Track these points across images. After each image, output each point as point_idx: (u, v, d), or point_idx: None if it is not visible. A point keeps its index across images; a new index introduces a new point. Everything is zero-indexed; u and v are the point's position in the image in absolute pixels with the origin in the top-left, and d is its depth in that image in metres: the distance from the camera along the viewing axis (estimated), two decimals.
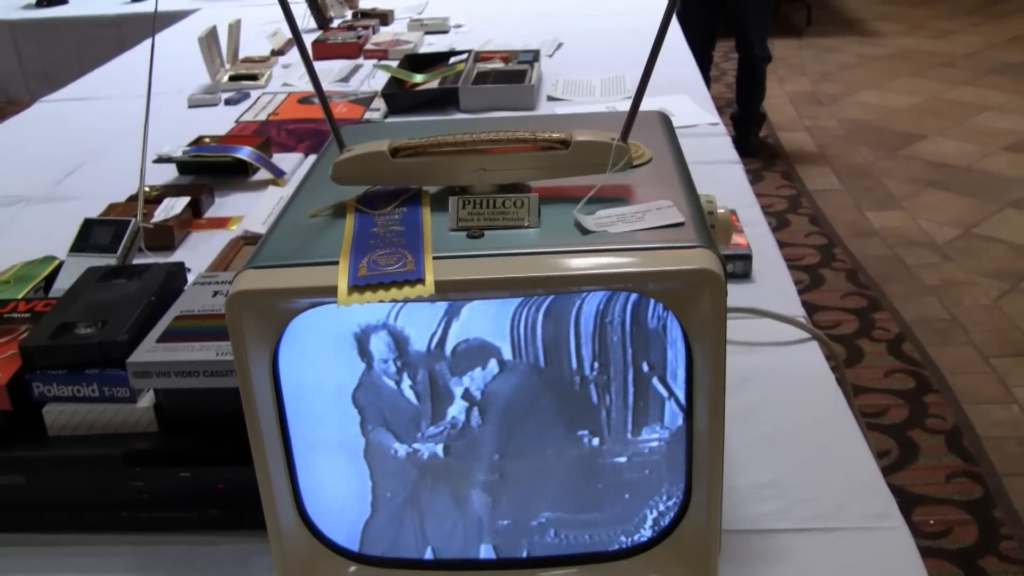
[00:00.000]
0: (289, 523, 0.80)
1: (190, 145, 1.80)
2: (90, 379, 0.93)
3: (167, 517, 0.93)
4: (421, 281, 0.68)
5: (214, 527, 0.93)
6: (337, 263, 0.71)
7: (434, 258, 0.70)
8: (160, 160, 1.75)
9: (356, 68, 2.49)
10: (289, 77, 2.43)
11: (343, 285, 0.68)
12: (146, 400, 0.95)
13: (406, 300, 0.67)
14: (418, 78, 2.25)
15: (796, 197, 3.79)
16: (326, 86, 2.29)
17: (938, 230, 3.46)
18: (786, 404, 1.08)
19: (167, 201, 1.57)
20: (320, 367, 0.75)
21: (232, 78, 2.40)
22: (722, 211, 0.89)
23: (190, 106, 2.27)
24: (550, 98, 2.17)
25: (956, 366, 2.68)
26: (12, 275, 1.37)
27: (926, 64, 5.53)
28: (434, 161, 0.80)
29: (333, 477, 0.79)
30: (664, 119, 1.01)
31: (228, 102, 2.26)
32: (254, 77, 2.40)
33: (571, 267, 0.69)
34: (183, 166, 1.77)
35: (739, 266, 1.33)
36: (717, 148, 1.85)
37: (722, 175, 1.69)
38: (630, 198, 0.79)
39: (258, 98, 2.26)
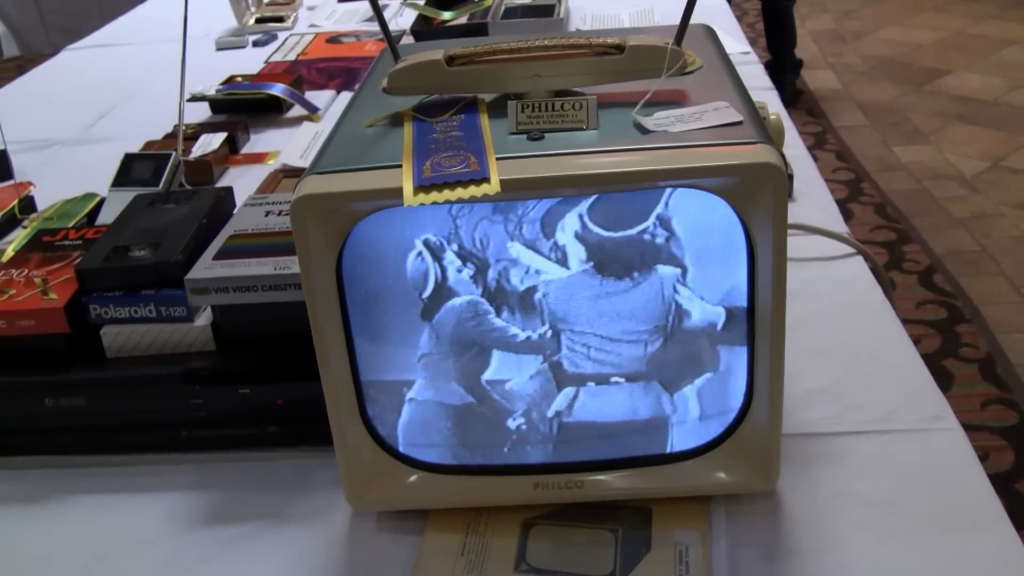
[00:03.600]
0: (355, 432, 0.80)
1: (222, 84, 1.80)
2: (147, 300, 0.94)
3: (227, 435, 0.94)
4: (487, 180, 0.68)
5: (273, 444, 0.94)
6: (400, 166, 0.71)
7: (497, 159, 0.71)
8: (194, 98, 1.75)
9: (384, 7, 2.48)
10: (316, 18, 2.42)
11: (408, 186, 0.68)
12: (203, 319, 0.95)
13: (472, 200, 0.68)
14: (446, 15, 2.24)
15: (822, 134, 3.77)
16: (354, 26, 2.31)
17: (966, 163, 3.44)
18: (834, 316, 1.08)
19: (204, 137, 1.57)
20: (384, 275, 0.76)
21: (259, 20, 2.39)
22: (773, 116, 0.88)
23: (218, 49, 2.26)
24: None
25: (987, 296, 2.67)
26: (55, 212, 1.37)
27: None
28: (489, 68, 0.80)
29: (396, 385, 0.80)
30: (709, 31, 1.01)
31: (256, 44, 2.25)
32: (280, 19, 2.39)
33: (636, 163, 0.69)
34: (216, 104, 1.77)
35: None
36: (750, 76, 1.83)
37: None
38: (685, 101, 0.79)
39: (286, 39, 2.25)
